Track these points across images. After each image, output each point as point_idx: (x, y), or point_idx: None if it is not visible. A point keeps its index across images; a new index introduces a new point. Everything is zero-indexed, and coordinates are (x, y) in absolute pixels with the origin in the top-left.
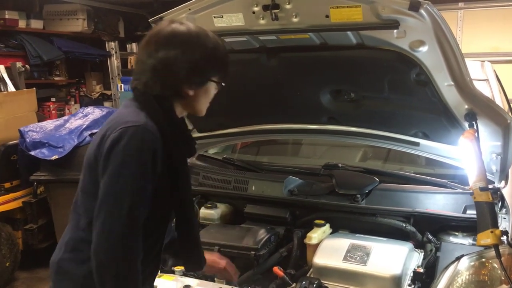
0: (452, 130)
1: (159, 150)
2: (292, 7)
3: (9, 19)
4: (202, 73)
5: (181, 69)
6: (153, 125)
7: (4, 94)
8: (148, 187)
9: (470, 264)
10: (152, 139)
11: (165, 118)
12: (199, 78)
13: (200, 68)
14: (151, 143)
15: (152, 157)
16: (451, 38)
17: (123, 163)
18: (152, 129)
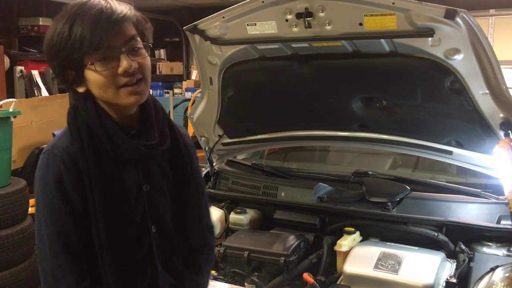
0: (487, 139)
1: (66, 172)
2: (326, 15)
3: (43, 25)
4: (60, 66)
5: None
6: (62, 145)
7: (38, 98)
8: (65, 216)
9: (505, 275)
10: (55, 162)
11: (78, 128)
12: (65, 71)
13: (56, 61)
14: (55, 167)
15: (58, 181)
16: (487, 46)
17: (37, 196)
18: (58, 150)
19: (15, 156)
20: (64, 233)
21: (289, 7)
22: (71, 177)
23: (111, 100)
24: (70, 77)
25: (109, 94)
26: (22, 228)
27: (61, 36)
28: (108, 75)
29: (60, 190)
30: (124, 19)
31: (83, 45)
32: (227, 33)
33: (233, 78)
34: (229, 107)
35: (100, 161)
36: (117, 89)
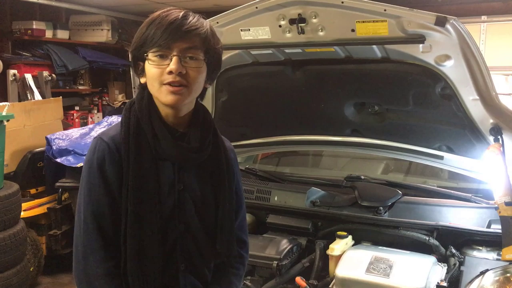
0: (477, 144)
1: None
2: (318, 21)
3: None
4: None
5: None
6: (111, 133)
7: (31, 102)
8: (105, 201)
9: (494, 279)
10: (101, 147)
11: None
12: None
13: (133, 52)
14: (100, 152)
15: (101, 165)
16: (477, 53)
17: (82, 177)
18: (106, 138)
19: (8, 160)
20: (99, 213)
21: (282, 13)
22: (113, 163)
23: (155, 94)
24: (139, 67)
25: (154, 87)
26: (14, 232)
27: (139, 32)
28: (158, 70)
29: (102, 172)
30: (192, 31)
31: (149, 40)
32: (221, 38)
33: (227, 83)
34: (222, 111)
35: (141, 154)
36: (160, 85)
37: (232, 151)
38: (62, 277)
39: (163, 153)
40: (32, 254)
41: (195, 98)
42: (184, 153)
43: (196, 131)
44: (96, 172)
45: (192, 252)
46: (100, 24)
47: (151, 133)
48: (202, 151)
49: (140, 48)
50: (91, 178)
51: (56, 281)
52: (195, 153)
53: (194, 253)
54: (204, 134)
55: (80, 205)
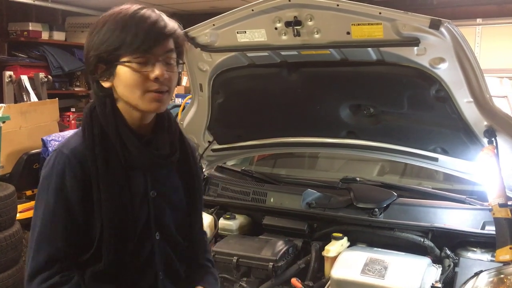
0: (471, 146)
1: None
2: (314, 24)
3: (32, 30)
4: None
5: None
6: (73, 145)
7: (27, 104)
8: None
9: (488, 280)
10: (62, 162)
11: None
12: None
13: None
14: (60, 167)
15: (61, 180)
16: (471, 55)
17: (38, 192)
18: (67, 150)
19: (3, 161)
20: (52, 231)
21: (278, 15)
22: (74, 177)
23: (133, 101)
24: (99, 70)
25: (134, 95)
26: (10, 234)
27: (111, 33)
28: (140, 77)
29: (60, 187)
30: (172, 34)
31: (129, 44)
32: (217, 41)
33: (223, 85)
34: (219, 113)
35: (109, 164)
36: (143, 92)
37: (195, 150)
38: None
39: (133, 161)
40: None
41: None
42: (155, 160)
43: (163, 136)
44: (53, 187)
45: (170, 259)
46: None
47: (119, 142)
48: (172, 155)
49: (113, 51)
50: (48, 194)
51: None
52: (165, 159)
53: (172, 260)
54: (171, 138)
55: (35, 221)
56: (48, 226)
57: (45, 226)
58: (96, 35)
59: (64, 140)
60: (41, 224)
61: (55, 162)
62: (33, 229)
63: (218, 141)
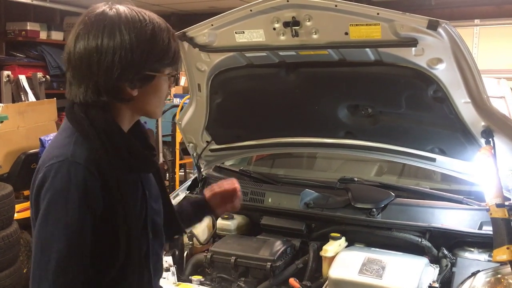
0: (469, 147)
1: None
2: (312, 24)
3: (30, 30)
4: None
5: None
6: (83, 153)
7: (25, 104)
8: (86, 235)
9: (486, 280)
10: (80, 173)
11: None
12: (141, 73)
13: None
14: (80, 179)
15: (84, 194)
16: (469, 56)
17: (50, 209)
18: (81, 160)
19: (1, 161)
20: (78, 249)
21: (276, 16)
22: (96, 188)
23: (151, 109)
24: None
25: (157, 103)
26: (8, 234)
27: (161, 42)
28: (167, 87)
29: (86, 203)
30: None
31: (174, 55)
32: (216, 41)
33: (221, 85)
34: (217, 113)
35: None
36: (163, 102)
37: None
38: None
39: (139, 167)
40: (26, 255)
41: None
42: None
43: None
44: (77, 203)
45: (159, 257)
46: None
47: (126, 149)
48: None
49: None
50: (69, 211)
51: None
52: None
53: (160, 258)
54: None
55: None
56: (75, 242)
57: (70, 243)
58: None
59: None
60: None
61: (70, 174)
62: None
63: (216, 141)
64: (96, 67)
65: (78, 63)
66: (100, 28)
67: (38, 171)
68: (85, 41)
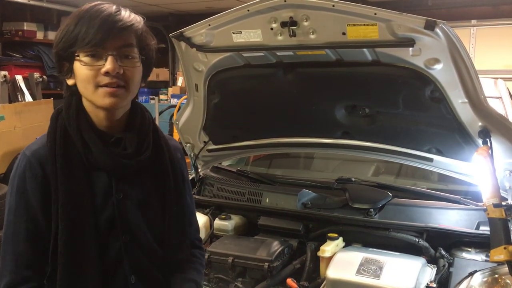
0: (466, 147)
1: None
2: (310, 24)
3: (27, 30)
4: (60, 57)
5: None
6: (35, 146)
7: (22, 104)
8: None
9: (483, 280)
10: (23, 163)
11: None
12: (59, 58)
13: (58, 51)
14: (21, 168)
15: (21, 183)
16: (466, 56)
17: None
18: (29, 152)
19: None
20: (15, 233)
21: (274, 16)
22: (34, 178)
23: (88, 97)
24: (64, 67)
25: (88, 90)
26: None
27: (66, 29)
28: (92, 71)
29: (21, 190)
30: (127, 28)
31: (81, 39)
32: (213, 41)
33: (219, 85)
34: (214, 113)
35: (70, 166)
36: (96, 87)
37: (179, 150)
38: None
39: (96, 162)
40: None
41: (131, 99)
42: (118, 161)
43: (132, 135)
44: (15, 190)
45: (141, 262)
46: None
47: (81, 142)
48: (139, 155)
49: (68, 48)
50: (11, 198)
51: None
52: (131, 159)
53: (143, 263)
54: (141, 137)
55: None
56: (11, 228)
57: (7, 228)
58: (58, 33)
59: (31, 143)
60: (6, 225)
61: (18, 164)
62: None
63: (214, 142)
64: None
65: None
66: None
67: None
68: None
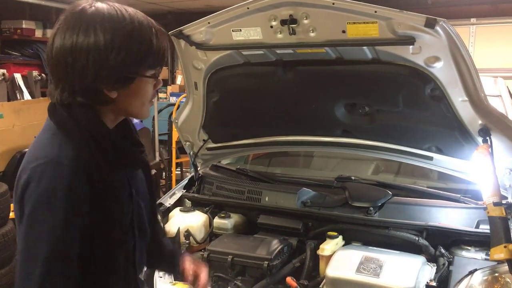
0: (466, 145)
1: (78, 184)
2: (310, 22)
3: (26, 28)
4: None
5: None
6: (68, 154)
7: (21, 102)
8: (73, 237)
9: (483, 278)
10: (66, 174)
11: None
12: (119, 75)
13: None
14: (65, 180)
15: (69, 195)
16: (466, 54)
17: (35, 211)
18: (66, 161)
19: None
20: (65, 252)
21: (274, 13)
22: (83, 189)
23: (134, 110)
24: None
25: (140, 104)
26: (3, 233)
27: (142, 42)
28: (151, 89)
29: (72, 204)
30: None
31: (155, 60)
32: (212, 39)
33: (218, 83)
34: (214, 112)
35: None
36: (148, 103)
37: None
38: None
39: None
40: None
41: None
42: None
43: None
44: (63, 205)
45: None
46: None
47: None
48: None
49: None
50: (56, 214)
51: None
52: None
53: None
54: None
55: (35, 245)
56: (62, 245)
57: (57, 246)
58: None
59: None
60: (52, 244)
61: (56, 175)
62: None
63: (213, 140)
64: (71, 68)
65: (55, 62)
66: (76, 27)
67: (23, 171)
68: (61, 40)
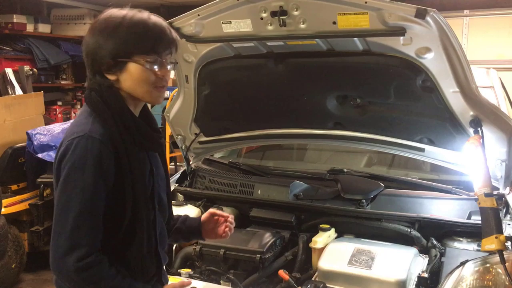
0: (458, 136)
1: (106, 154)
2: (300, 13)
3: (17, 23)
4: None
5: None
6: (99, 130)
7: (12, 97)
8: (98, 198)
9: (474, 269)
10: (96, 146)
11: (112, 116)
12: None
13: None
14: (95, 150)
15: (98, 163)
16: (457, 45)
17: (69, 175)
18: (97, 135)
19: None
20: (93, 209)
21: (264, 5)
22: (110, 159)
23: (139, 94)
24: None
25: (142, 89)
26: None
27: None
28: (149, 74)
29: (100, 170)
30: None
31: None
32: (203, 31)
33: (209, 76)
34: (205, 105)
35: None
36: (151, 88)
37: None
38: (45, 273)
39: (147, 145)
40: (14, 251)
41: None
42: (162, 142)
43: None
44: (92, 171)
45: (164, 229)
46: (82, 18)
47: (135, 129)
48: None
49: (130, 51)
50: (86, 178)
51: (39, 278)
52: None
53: (163, 228)
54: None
55: (69, 203)
56: (89, 204)
57: (85, 204)
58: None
59: (81, 127)
60: (81, 202)
61: (88, 146)
62: (65, 209)
63: (205, 133)
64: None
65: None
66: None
67: (61, 145)
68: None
